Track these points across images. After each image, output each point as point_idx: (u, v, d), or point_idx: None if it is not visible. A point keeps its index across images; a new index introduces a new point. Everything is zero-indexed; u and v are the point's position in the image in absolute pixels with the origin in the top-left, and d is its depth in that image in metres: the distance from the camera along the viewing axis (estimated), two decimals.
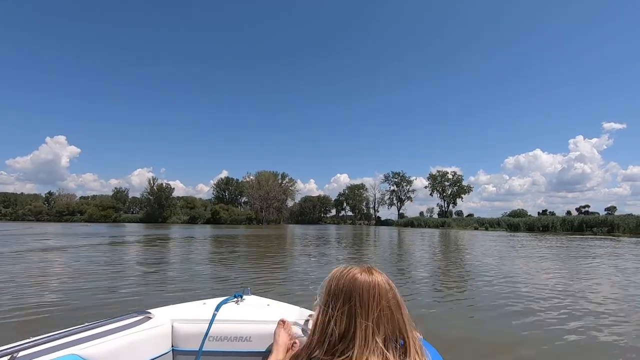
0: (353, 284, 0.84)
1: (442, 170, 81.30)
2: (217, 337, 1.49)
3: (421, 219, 70.05)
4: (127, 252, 12.64)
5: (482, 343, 3.52)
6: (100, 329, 1.32)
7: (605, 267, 9.82)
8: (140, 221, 73.58)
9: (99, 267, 8.39)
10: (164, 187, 75.98)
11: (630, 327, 4.08)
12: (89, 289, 5.77)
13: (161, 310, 1.62)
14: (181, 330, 1.51)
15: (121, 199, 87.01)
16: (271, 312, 1.63)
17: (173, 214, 75.36)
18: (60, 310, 4.40)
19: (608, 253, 14.16)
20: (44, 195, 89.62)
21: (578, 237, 28.66)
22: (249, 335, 1.48)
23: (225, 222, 70.64)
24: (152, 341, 1.42)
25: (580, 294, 5.87)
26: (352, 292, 0.83)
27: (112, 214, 78.97)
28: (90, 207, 79.54)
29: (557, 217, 45.03)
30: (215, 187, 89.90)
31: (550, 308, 4.89)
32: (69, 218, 77.94)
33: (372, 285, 0.83)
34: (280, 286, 6.31)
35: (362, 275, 0.86)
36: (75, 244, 15.20)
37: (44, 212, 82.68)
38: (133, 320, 1.45)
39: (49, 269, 8.12)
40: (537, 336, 3.72)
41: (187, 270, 8.29)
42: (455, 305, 5.17)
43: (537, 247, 17.18)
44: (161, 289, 5.98)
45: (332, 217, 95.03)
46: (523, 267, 9.50)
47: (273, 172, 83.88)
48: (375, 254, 13.76)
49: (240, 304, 1.73)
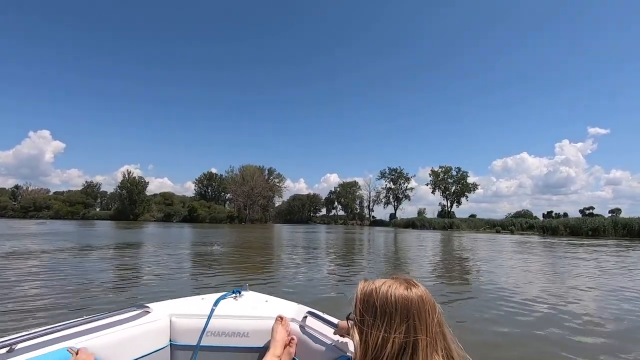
0: (407, 300, 0.77)
1: (445, 166, 73.21)
2: (215, 332, 1.48)
3: (424, 219, 60.62)
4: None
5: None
6: (98, 323, 1.31)
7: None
8: (110, 218, 66.88)
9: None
10: (136, 180, 68.88)
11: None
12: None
13: (159, 304, 1.60)
14: (179, 325, 1.49)
15: (92, 194, 79.78)
16: (269, 308, 1.63)
17: (146, 211, 68.39)
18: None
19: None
20: (10, 189, 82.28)
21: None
22: (246, 331, 1.49)
23: (203, 221, 63.89)
24: (150, 335, 1.40)
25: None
26: (408, 310, 0.76)
27: (81, 210, 72.00)
28: (57, 202, 72.54)
29: (608, 219, 36.34)
30: (197, 182, 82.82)
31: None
32: (35, 214, 71.25)
33: (425, 300, 0.78)
34: None
35: (411, 290, 0.79)
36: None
37: (9, 207, 75.75)
38: (131, 314, 1.45)
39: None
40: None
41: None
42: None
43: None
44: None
45: (322, 217, 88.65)
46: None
47: (259, 166, 77.06)
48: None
49: (238, 299, 1.72)
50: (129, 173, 70.86)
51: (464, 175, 71.92)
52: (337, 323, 1.34)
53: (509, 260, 11.22)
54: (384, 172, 79.59)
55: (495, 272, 8.56)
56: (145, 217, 66.13)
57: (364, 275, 7.33)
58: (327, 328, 1.38)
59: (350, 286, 6.26)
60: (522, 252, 14.65)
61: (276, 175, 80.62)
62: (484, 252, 14.26)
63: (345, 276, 7.63)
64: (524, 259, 11.88)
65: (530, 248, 17.29)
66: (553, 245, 20.44)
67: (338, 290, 5.94)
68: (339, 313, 1.54)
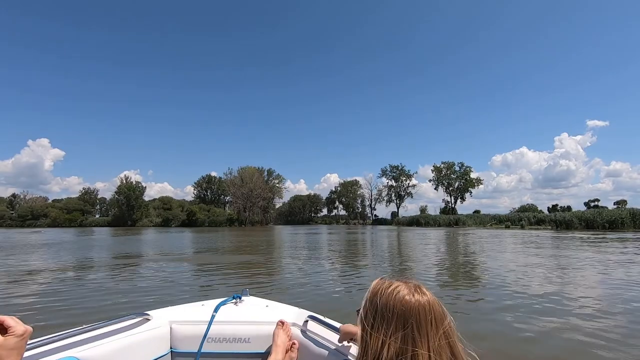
0: (406, 306, 0.72)
1: (448, 162, 71.47)
2: (215, 338, 1.48)
3: (429, 216, 58.39)
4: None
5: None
6: (99, 331, 1.32)
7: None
8: (108, 225, 65.80)
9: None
10: (133, 185, 67.78)
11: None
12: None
13: (160, 311, 1.60)
14: (180, 332, 1.49)
15: (89, 201, 78.78)
16: (270, 313, 1.62)
17: (144, 216, 67.28)
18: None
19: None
20: (7, 198, 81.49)
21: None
22: (247, 337, 1.49)
23: (202, 224, 62.71)
24: (151, 343, 1.40)
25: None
26: (406, 317, 0.71)
27: (79, 218, 71.00)
28: (55, 210, 71.58)
29: (625, 210, 33.52)
30: (196, 186, 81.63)
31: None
32: (33, 223, 70.37)
33: (427, 310, 0.72)
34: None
35: (414, 296, 0.74)
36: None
37: (6, 216, 74.97)
38: (131, 322, 1.45)
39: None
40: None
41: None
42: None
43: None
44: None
45: (323, 217, 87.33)
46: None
47: (258, 167, 75.79)
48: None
49: (239, 305, 1.71)
50: (127, 178, 69.96)
51: (467, 170, 70.29)
52: (340, 327, 1.31)
53: (545, 264, 9.69)
54: (385, 169, 78.16)
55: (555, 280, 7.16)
56: (143, 223, 65.04)
57: (368, 279, 7.06)
58: (328, 332, 1.38)
59: (352, 290, 6.16)
60: (551, 251, 13.02)
61: (276, 176, 79.43)
62: (507, 253, 12.69)
63: (348, 279, 7.33)
64: (560, 262, 10.14)
65: (556, 245, 15.61)
66: (576, 240, 18.92)
67: (339, 294, 5.76)
68: (341, 317, 1.56)
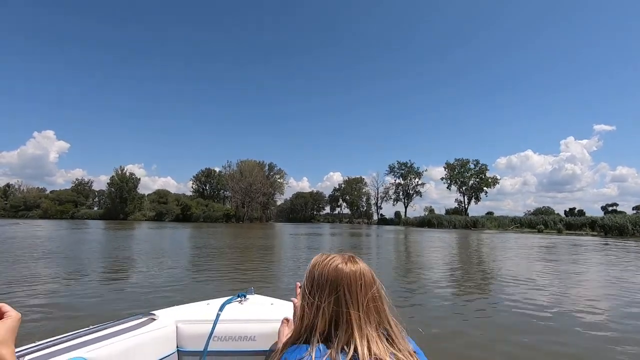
0: (338, 274, 0.81)
1: (462, 159, 66.19)
2: (221, 337, 1.49)
3: (442, 217, 53.37)
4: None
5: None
6: (106, 331, 1.33)
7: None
8: (100, 217, 62.71)
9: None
10: (127, 177, 64.51)
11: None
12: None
13: (165, 311, 1.61)
14: (186, 331, 1.50)
15: (83, 193, 75.88)
16: (275, 310, 1.63)
17: (137, 210, 63.99)
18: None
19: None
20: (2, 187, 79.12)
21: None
22: (253, 335, 1.49)
23: (197, 220, 59.12)
24: (157, 342, 1.41)
25: None
26: (338, 283, 0.80)
27: (71, 209, 68.13)
28: (46, 201, 68.83)
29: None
30: (195, 180, 78.09)
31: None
32: (25, 213, 67.83)
33: (358, 275, 0.81)
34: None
35: (346, 265, 0.82)
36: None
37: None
38: (138, 322, 1.46)
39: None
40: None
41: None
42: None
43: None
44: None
45: (325, 215, 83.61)
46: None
47: (258, 161, 71.92)
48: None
49: (244, 303, 1.72)
50: (122, 170, 66.78)
51: (483, 168, 65.02)
52: None
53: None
54: (393, 166, 73.56)
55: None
56: (135, 217, 61.75)
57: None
58: None
59: None
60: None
61: (277, 171, 75.55)
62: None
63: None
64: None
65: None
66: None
67: None
68: None
